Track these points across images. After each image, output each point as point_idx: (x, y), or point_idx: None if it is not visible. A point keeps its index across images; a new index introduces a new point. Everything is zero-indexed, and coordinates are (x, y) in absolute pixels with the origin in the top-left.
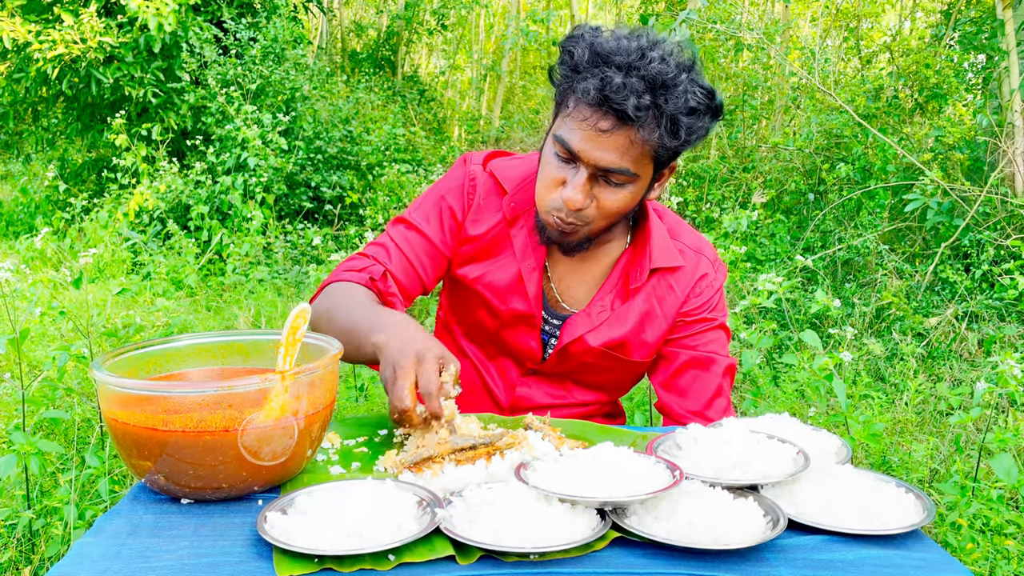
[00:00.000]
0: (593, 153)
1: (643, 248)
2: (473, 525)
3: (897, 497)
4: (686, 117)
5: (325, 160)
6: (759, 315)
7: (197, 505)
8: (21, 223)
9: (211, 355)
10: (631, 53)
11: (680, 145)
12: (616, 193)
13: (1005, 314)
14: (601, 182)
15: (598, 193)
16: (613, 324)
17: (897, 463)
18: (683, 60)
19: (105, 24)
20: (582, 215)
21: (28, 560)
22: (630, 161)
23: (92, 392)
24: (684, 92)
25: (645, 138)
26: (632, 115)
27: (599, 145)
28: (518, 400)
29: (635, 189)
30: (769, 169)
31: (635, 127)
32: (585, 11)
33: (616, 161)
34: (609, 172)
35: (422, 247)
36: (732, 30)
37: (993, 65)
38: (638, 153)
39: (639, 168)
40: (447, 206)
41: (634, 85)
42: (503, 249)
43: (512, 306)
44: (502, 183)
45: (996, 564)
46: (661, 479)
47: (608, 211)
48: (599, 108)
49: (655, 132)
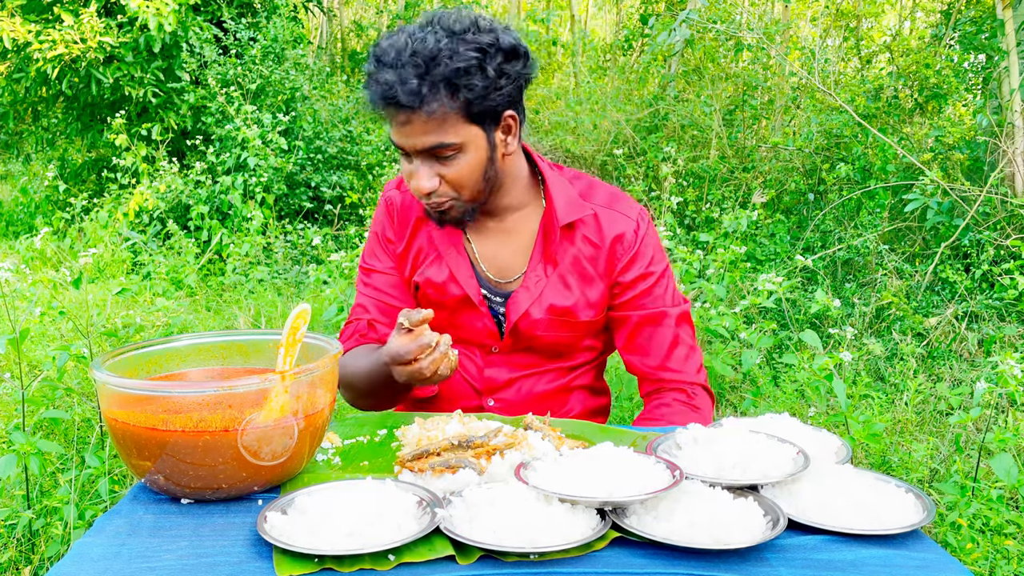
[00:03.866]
0: (408, 142)
1: (551, 209)
2: (473, 525)
3: (897, 497)
4: (458, 78)
5: (325, 160)
6: (759, 315)
7: (197, 505)
8: (21, 223)
9: (211, 355)
10: (397, 46)
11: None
12: (455, 164)
13: (1005, 314)
14: (437, 161)
15: (440, 171)
16: (551, 291)
17: (897, 463)
18: (449, 26)
19: (105, 24)
20: (440, 193)
21: (28, 560)
22: (442, 134)
23: (92, 392)
24: (446, 58)
25: (436, 111)
26: (406, 102)
27: (409, 134)
28: (489, 381)
29: (472, 153)
30: (769, 169)
31: (421, 108)
32: (585, 11)
33: (431, 140)
34: (433, 151)
35: (385, 282)
36: (732, 30)
37: (993, 65)
38: (444, 125)
39: (457, 135)
40: (382, 237)
41: (402, 75)
42: (428, 248)
43: (452, 294)
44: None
45: (996, 564)
46: (661, 479)
47: (459, 182)
48: (388, 107)
49: (438, 102)
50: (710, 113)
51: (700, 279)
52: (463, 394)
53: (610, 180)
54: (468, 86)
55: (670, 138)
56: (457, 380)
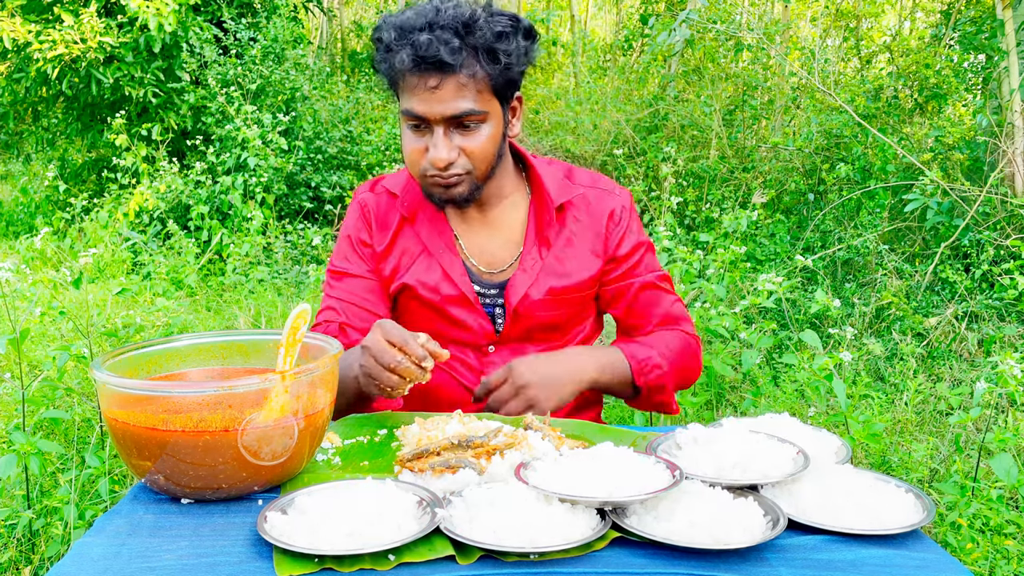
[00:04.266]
0: (436, 108)
1: (542, 193)
2: (473, 525)
3: (897, 497)
4: (498, 43)
5: (325, 160)
6: (759, 315)
7: (197, 505)
8: (21, 223)
9: (211, 355)
10: (427, 13)
11: (507, 71)
12: (476, 136)
13: (1005, 314)
14: (458, 132)
15: (461, 143)
16: (547, 272)
17: (897, 463)
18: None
19: (105, 24)
20: (458, 166)
21: (28, 560)
22: (472, 101)
23: (92, 392)
24: (486, 23)
25: (472, 75)
26: (450, 60)
27: (438, 100)
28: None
29: (492, 125)
30: (769, 169)
31: (458, 71)
32: (585, 11)
33: (460, 106)
34: (459, 118)
35: (358, 286)
36: (732, 30)
37: (993, 65)
38: (475, 92)
39: (484, 104)
40: (356, 239)
41: (440, 36)
42: (414, 248)
43: (445, 293)
44: (391, 190)
45: (996, 564)
46: (661, 479)
47: (479, 154)
48: (421, 70)
49: (477, 66)
50: (710, 113)
51: (700, 279)
52: (459, 398)
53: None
54: (506, 51)
55: (670, 138)
56: (452, 384)
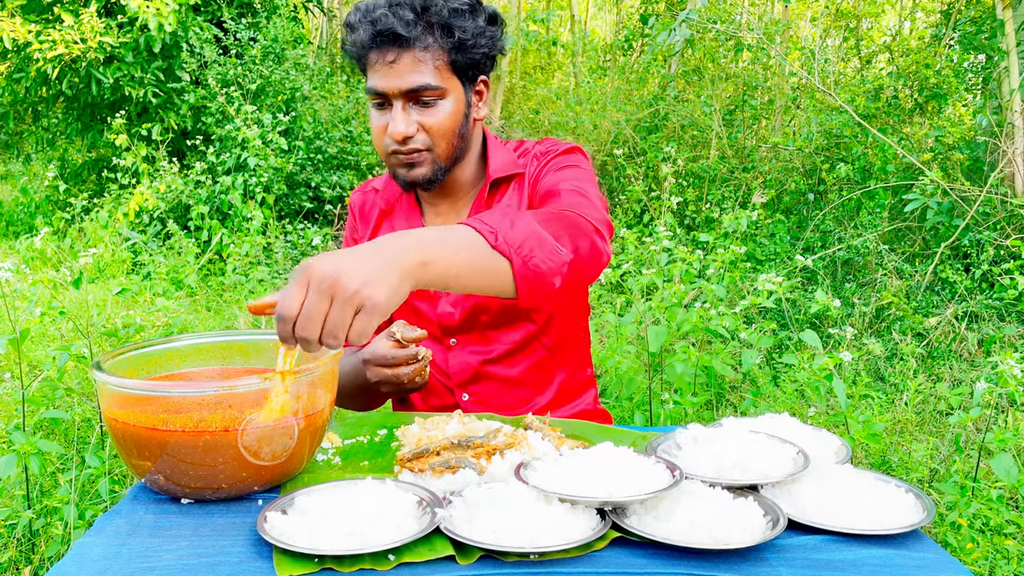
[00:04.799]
0: (394, 83)
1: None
2: (473, 525)
3: (897, 497)
4: (453, 19)
5: (325, 160)
6: (759, 315)
7: (197, 505)
8: (21, 223)
9: (211, 355)
10: None
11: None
12: (435, 112)
13: (1005, 314)
14: (417, 108)
15: (420, 119)
16: None
17: (897, 463)
18: None
19: (105, 24)
20: (416, 142)
21: (28, 560)
22: (429, 76)
23: (92, 392)
24: (444, 2)
25: (426, 48)
26: (405, 33)
27: (396, 74)
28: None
29: (452, 102)
30: (769, 169)
31: (414, 46)
32: (585, 11)
33: (416, 80)
34: (416, 93)
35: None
36: (732, 30)
37: (993, 65)
38: (432, 67)
39: (442, 80)
40: (349, 240)
41: (397, 12)
42: None
43: None
44: (376, 187)
45: (996, 564)
46: (661, 479)
47: (438, 130)
48: (380, 46)
49: (431, 39)
50: (710, 113)
51: (700, 279)
52: (435, 391)
53: (610, 180)
54: (462, 27)
55: (670, 138)
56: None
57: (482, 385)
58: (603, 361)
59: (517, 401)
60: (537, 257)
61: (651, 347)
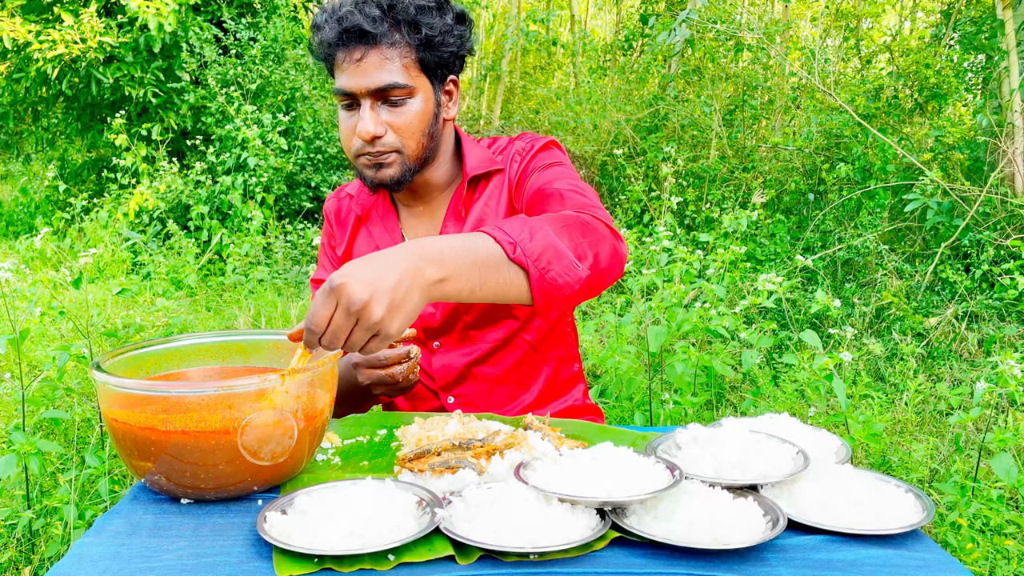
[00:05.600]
0: (361, 82)
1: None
2: (473, 525)
3: (897, 497)
4: (420, 16)
5: (325, 160)
6: (759, 315)
7: (197, 505)
8: (21, 223)
9: (211, 355)
10: None
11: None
12: (403, 111)
13: (1005, 314)
14: (386, 107)
15: (388, 119)
16: None
17: (897, 463)
18: None
19: (105, 24)
20: (385, 143)
21: (28, 560)
22: (396, 74)
23: (92, 392)
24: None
25: (392, 45)
26: (371, 29)
27: (362, 73)
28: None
29: (421, 101)
30: (769, 169)
31: (380, 43)
32: (585, 11)
33: (383, 78)
34: (384, 92)
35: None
36: (732, 30)
37: (993, 65)
38: (400, 65)
39: (410, 79)
40: (326, 245)
41: (363, 9)
42: (367, 248)
43: None
44: (351, 192)
45: (996, 564)
46: (661, 479)
47: (406, 129)
48: (346, 44)
49: (398, 36)
50: (710, 113)
51: (700, 279)
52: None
53: (610, 180)
54: (429, 24)
55: (670, 138)
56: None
57: (467, 386)
58: (603, 361)
59: (503, 400)
60: (554, 270)
61: (651, 347)
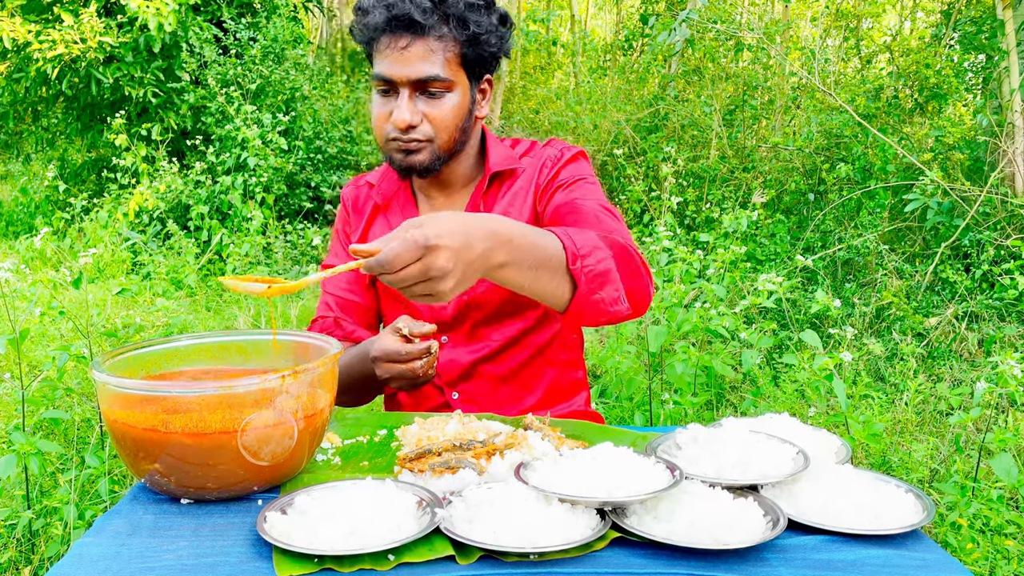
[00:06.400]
0: (403, 71)
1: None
2: (473, 525)
3: (897, 497)
4: (470, 13)
5: (325, 160)
6: (759, 315)
7: (197, 505)
8: (21, 223)
9: (211, 355)
10: None
11: (477, 44)
12: (441, 104)
13: (1005, 314)
14: (424, 98)
15: (425, 110)
16: None
17: (897, 463)
18: None
19: (105, 24)
20: (419, 132)
21: (28, 560)
22: (439, 67)
23: (92, 392)
24: None
25: (440, 38)
26: (420, 20)
27: (406, 61)
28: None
29: (458, 96)
30: (769, 169)
31: (428, 34)
32: (585, 11)
33: (426, 70)
34: (424, 83)
35: (344, 279)
36: (732, 30)
37: (993, 65)
38: (443, 58)
39: (450, 73)
40: (340, 232)
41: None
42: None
43: None
44: (371, 181)
45: (996, 564)
46: (661, 479)
47: (441, 122)
48: (393, 31)
49: (446, 30)
50: (710, 113)
51: (700, 279)
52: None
53: (610, 180)
54: (477, 22)
55: (670, 138)
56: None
57: (471, 383)
58: (603, 361)
59: (506, 400)
60: (600, 295)
61: (651, 347)
